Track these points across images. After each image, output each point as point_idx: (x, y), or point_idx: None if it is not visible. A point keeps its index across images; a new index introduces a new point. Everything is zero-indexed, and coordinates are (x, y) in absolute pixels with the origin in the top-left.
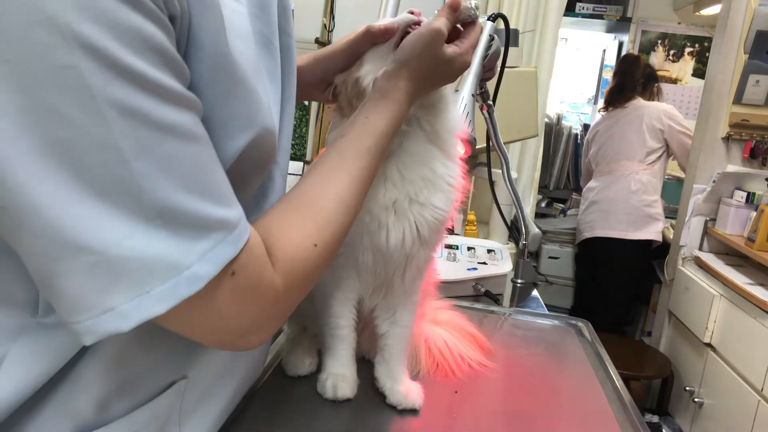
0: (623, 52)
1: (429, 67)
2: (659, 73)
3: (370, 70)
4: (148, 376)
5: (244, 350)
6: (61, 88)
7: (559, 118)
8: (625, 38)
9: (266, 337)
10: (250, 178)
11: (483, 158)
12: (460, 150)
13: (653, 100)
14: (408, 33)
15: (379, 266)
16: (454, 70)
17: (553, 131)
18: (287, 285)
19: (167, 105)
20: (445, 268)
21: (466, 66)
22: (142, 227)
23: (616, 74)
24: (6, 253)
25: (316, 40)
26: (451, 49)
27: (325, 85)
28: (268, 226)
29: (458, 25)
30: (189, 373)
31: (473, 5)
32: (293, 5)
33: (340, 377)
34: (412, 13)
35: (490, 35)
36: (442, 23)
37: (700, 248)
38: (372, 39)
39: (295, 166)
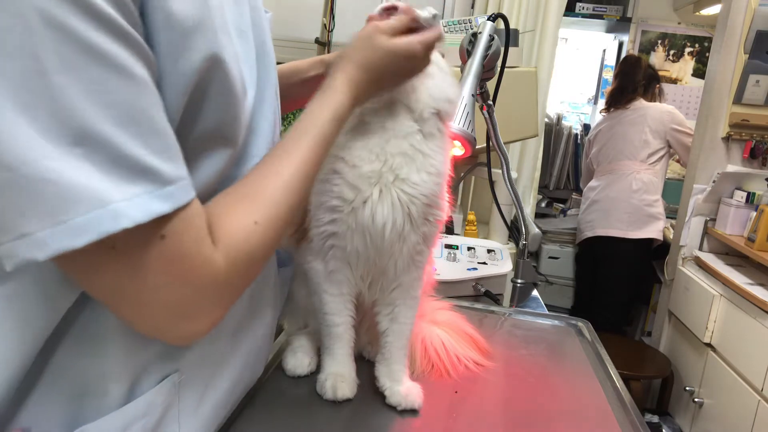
0: (623, 52)
1: (370, 55)
2: (659, 73)
3: None
4: (136, 368)
5: (182, 342)
6: None
7: (559, 118)
8: (625, 38)
9: (205, 326)
10: (212, 147)
11: (483, 158)
12: (455, 145)
13: (655, 101)
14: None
15: (370, 251)
16: (400, 57)
17: (553, 131)
18: (229, 264)
19: (100, 31)
20: (445, 268)
21: (412, 52)
22: (60, 150)
23: (617, 76)
24: None
25: (316, 40)
26: (395, 40)
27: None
28: (210, 209)
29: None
30: (181, 367)
31: (431, 15)
32: (270, 15)
33: (339, 377)
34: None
35: (490, 35)
36: (385, 21)
37: (700, 248)
38: None
39: None
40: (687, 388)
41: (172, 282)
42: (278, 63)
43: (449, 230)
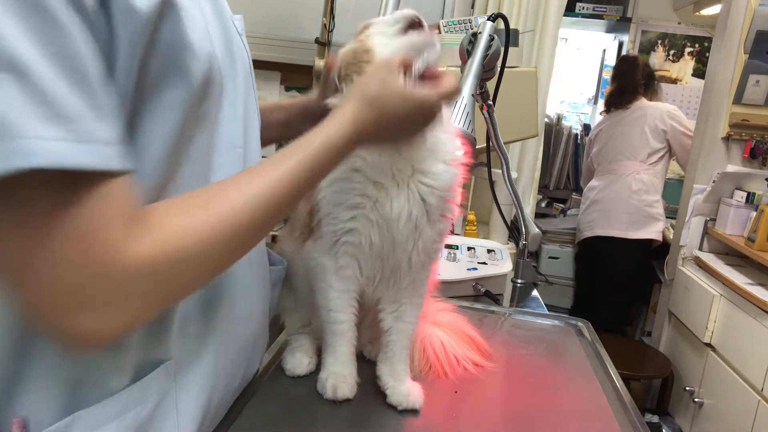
0: (623, 52)
1: (379, 92)
2: (659, 73)
3: (379, 44)
4: (131, 355)
5: (82, 343)
6: None
7: (559, 118)
8: (625, 38)
9: (106, 326)
10: (163, 87)
11: (483, 158)
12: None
13: (656, 99)
14: (414, 26)
15: (386, 245)
16: (414, 104)
17: (553, 131)
18: (153, 258)
19: None
20: (445, 268)
21: (428, 104)
22: None
23: (615, 77)
24: None
25: (316, 40)
26: (414, 88)
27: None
28: (156, 205)
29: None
30: (174, 355)
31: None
32: (240, 16)
33: (340, 377)
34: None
35: (490, 35)
36: (395, 56)
37: (700, 248)
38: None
39: None
40: (687, 388)
41: (77, 260)
42: (279, 63)
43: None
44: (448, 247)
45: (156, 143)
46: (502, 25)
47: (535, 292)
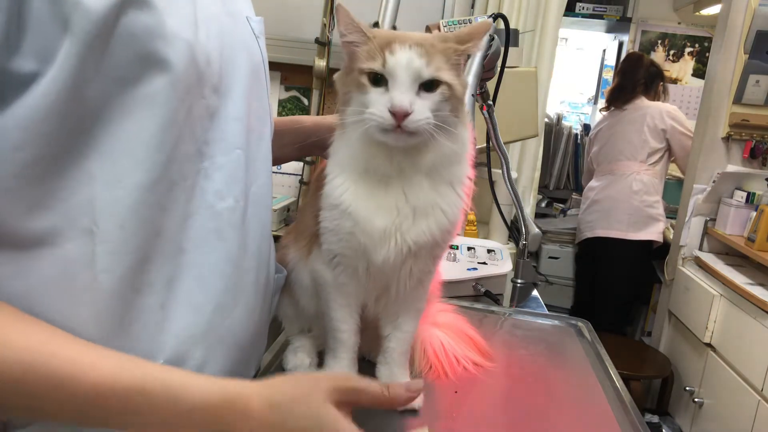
0: (623, 52)
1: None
2: None
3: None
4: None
5: None
6: None
7: (559, 118)
8: (625, 38)
9: None
10: (139, 78)
11: (483, 158)
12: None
13: (658, 100)
14: None
15: (378, 276)
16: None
17: (553, 131)
18: None
19: None
20: (445, 268)
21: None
22: None
23: (617, 74)
24: None
25: (316, 40)
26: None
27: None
28: None
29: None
30: (165, 354)
31: None
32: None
33: None
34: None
35: (490, 35)
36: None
37: (700, 248)
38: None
39: (295, 166)
40: (687, 388)
41: None
42: (279, 63)
43: None
44: (449, 247)
45: (139, 139)
46: (502, 25)
47: (535, 292)
